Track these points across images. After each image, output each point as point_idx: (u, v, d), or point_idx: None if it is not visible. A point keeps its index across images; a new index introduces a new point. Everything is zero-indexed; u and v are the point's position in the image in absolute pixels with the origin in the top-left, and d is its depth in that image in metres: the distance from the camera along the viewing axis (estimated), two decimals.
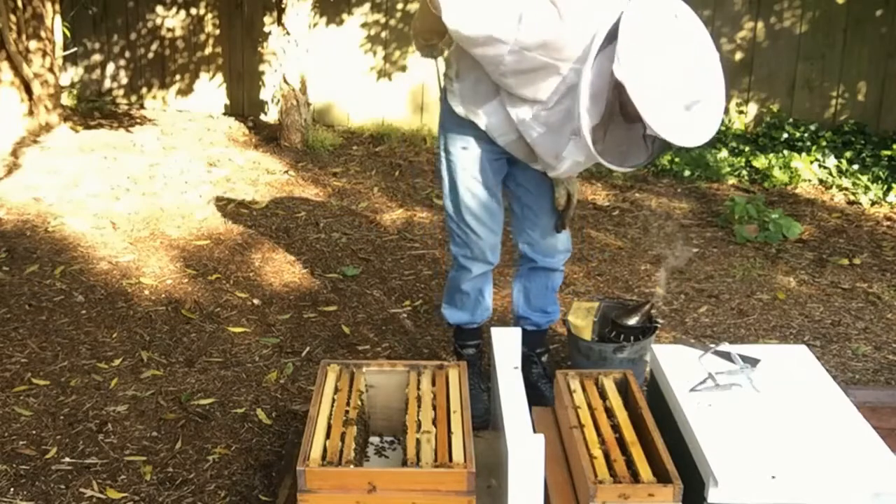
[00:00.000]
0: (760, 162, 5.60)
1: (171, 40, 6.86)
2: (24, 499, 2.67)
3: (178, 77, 6.91)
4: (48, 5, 5.81)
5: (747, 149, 5.84)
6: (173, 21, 6.81)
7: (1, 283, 4.02)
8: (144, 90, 6.98)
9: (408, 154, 6.00)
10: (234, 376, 3.35)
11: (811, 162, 5.56)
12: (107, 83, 7.02)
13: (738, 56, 6.12)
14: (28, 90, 5.81)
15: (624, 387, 2.50)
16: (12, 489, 2.70)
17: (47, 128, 5.92)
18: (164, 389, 3.25)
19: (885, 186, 5.26)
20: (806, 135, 5.90)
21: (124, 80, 7.00)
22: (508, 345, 2.49)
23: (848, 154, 5.67)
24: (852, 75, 6.05)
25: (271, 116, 6.64)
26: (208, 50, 6.82)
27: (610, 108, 2.30)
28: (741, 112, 6.20)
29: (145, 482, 2.75)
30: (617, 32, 2.22)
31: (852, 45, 6.00)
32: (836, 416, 2.28)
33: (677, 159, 5.68)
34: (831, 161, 5.57)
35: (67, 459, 2.85)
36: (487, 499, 2.36)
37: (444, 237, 4.56)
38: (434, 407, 2.40)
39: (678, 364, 2.49)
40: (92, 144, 5.89)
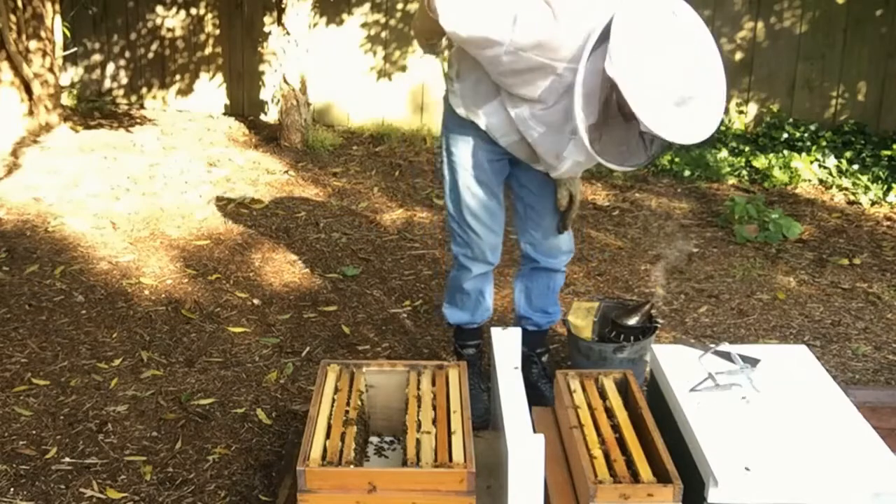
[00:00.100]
0: (760, 162, 5.60)
1: (171, 40, 6.86)
2: (24, 499, 2.67)
3: (178, 77, 6.91)
4: (48, 5, 5.81)
5: (747, 149, 5.84)
6: (173, 21, 6.81)
7: (1, 283, 4.02)
8: (144, 90, 6.98)
9: (408, 154, 6.00)
10: (234, 376, 3.35)
11: (811, 162, 5.56)
12: (107, 83, 7.02)
13: (738, 56, 6.12)
14: (28, 90, 5.81)
15: (624, 387, 2.50)
16: (12, 489, 2.70)
17: (47, 128, 5.92)
18: (164, 389, 3.25)
19: (885, 186, 5.26)
20: (806, 135, 5.90)
21: (124, 80, 7.00)
22: (508, 345, 2.49)
23: (848, 154, 5.67)
24: (852, 75, 6.05)
25: (271, 116, 6.64)
26: (208, 50, 6.82)
27: (607, 107, 2.29)
28: (741, 112, 6.20)
29: (145, 482, 2.75)
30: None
31: (852, 45, 6.00)
32: (836, 416, 2.28)
33: (677, 159, 5.68)
34: (831, 161, 5.57)
35: (67, 459, 2.85)
36: (487, 499, 2.36)
37: (444, 237, 4.56)
38: (434, 407, 2.40)
39: (678, 364, 2.49)
40: (92, 144, 5.89)
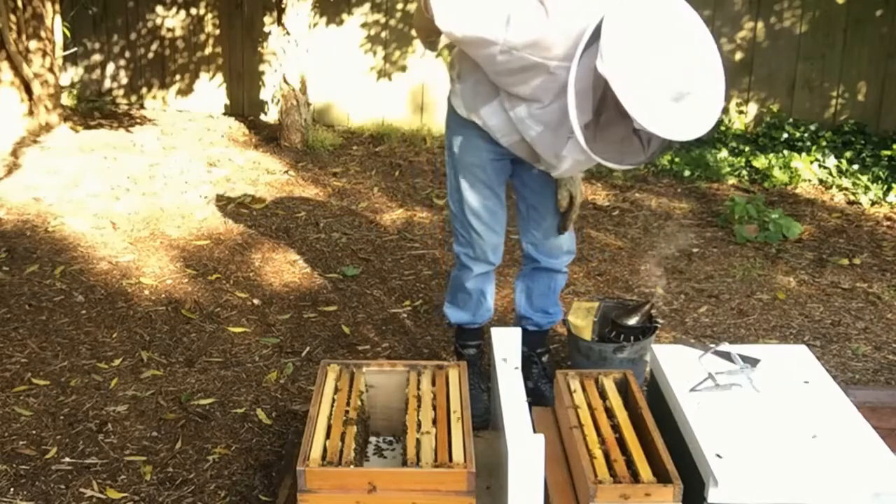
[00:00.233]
0: (760, 162, 5.60)
1: (171, 40, 6.86)
2: (24, 499, 2.67)
3: (178, 77, 6.91)
4: (48, 5, 5.81)
5: (747, 149, 5.84)
6: (173, 21, 6.81)
7: (1, 283, 4.02)
8: (144, 90, 6.98)
9: (408, 154, 6.00)
10: (234, 376, 3.35)
11: (811, 162, 5.56)
12: (107, 83, 7.02)
13: (738, 56, 6.12)
14: (28, 90, 5.81)
15: (624, 387, 2.50)
16: (12, 489, 2.70)
17: (47, 128, 5.92)
18: (164, 389, 3.25)
19: (885, 186, 5.26)
20: (806, 135, 5.90)
21: (124, 80, 7.00)
22: (508, 345, 2.49)
23: (848, 154, 5.67)
24: (852, 75, 6.05)
25: (271, 116, 6.64)
26: (208, 50, 6.82)
27: (602, 106, 2.27)
28: (741, 112, 6.20)
29: (145, 482, 2.75)
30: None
31: (852, 45, 6.00)
32: (836, 416, 2.28)
33: (677, 159, 5.67)
34: (831, 161, 5.57)
35: (67, 459, 2.85)
36: (487, 499, 2.36)
37: (444, 237, 4.56)
38: (434, 407, 2.40)
39: (678, 364, 2.49)
40: (92, 144, 5.89)
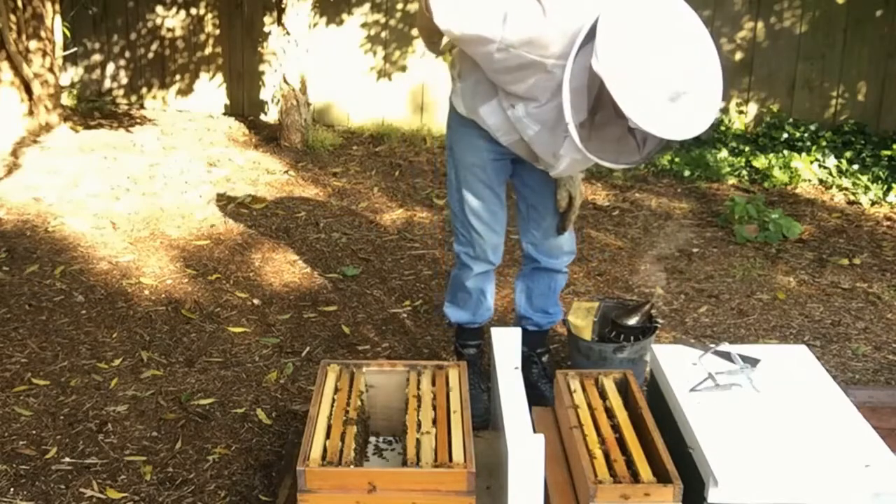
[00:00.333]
0: (760, 162, 5.60)
1: (171, 40, 6.85)
2: (24, 499, 2.67)
3: (178, 77, 6.91)
4: (48, 5, 5.81)
5: (747, 149, 5.84)
6: (173, 21, 6.81)
7: (1, 283, 4.02)
8: (144, 90, 6.98)
9: (408, 154, 6.00)
10: (234, 376, 3.35)
11: (811, 162, 5.56)
12: (107, 83, 7.02)
13: (738, 56, 6.12)
14: (28, 90, 5.80)
15: (624, 387, 2.50)
16: (12, 489, 2.70)
17: (47, 128, 5.92)
18: (164, 389, 3.25)
19: (885, 186, 5.26)
20: (806, 135, 5.90)
21: (124, 80, 7.00)
22: (508, 345, 2.49)
23: (848, 154, 5.67)
24: (852, 75, 6.05)
25: (271, 116, 6.64)
26: (208, 50, 6.82)
27: (597, 105, 2.25)
28: (741, 112, 6.20)
29: (145, 482, 2.75)
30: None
31: (852, 45, 6.00)
32: (836, 416, 2.28)
33: (677, 159, 5.67)
34: (831, 161, 5.57)
35: (67, 459, 2.85)
36: (487, 499, 2.36)
37: (444, 237, 4.56)
38: (434, 407, 2.40)
39: (678, 364, 2.49)
40: (92, 144, 5.89)
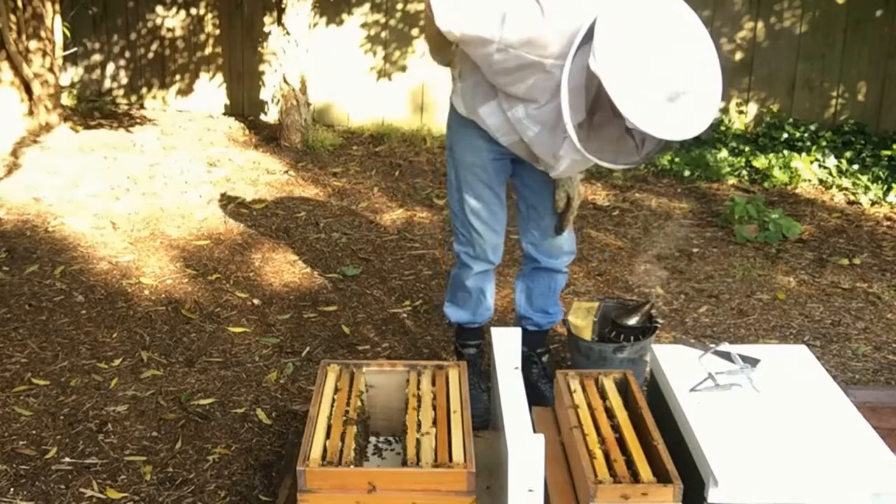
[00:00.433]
0: (760, 162, 5.60)
1: (171, 40, 6.85)
2: (24, 499, 2.67)
3: (178, 77, 6.91)
4: (48, 5, 5.81)
5: (747, 149, 5.84)
6: (173, 21, 6.81)
7: (1, 283, 4.02)
8: (144, 90, 6.98)
9: (408, 154, 6.00)
10: (234, 376, 3.35)
11: (811, 162, 5.56)
12: (107, 83, 7.02)
13: (738, 56, 6.12)
14: (28, 90, 5.81)
15: (624, 387, 2.50)
16: (12, 489, 2.70)
17: (47, 128, 5.92)
18: (164, 389, 3.25)
19: (885, 186, 5.26)
20: (806, 135, 5.90)
21: (124, 80, 7.00)
22: (508, 345, 2.49)
23: (848, 154, 5.67)
24: (852, 75, 6.05)
25: (271, 116, 6.64)
26: (208, 50, 6.82)
27: (596, 105, 2.25)
28: (741, 112, 6.20)
29: (145, 482, 2.75)
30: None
31: (852, 45, 6.00)
32: (836, 416, 2.28)
33: (677, 159, 5.67)
34: (831, 161, 5.57)
35: (67, 459, 2.85)
36: (487, 499, 2.36)
37: (444, 237, 4.56)
38: (434, 407, 2.40)
39: (678, 364, 2.49)
40: (92, 144, 5.89)
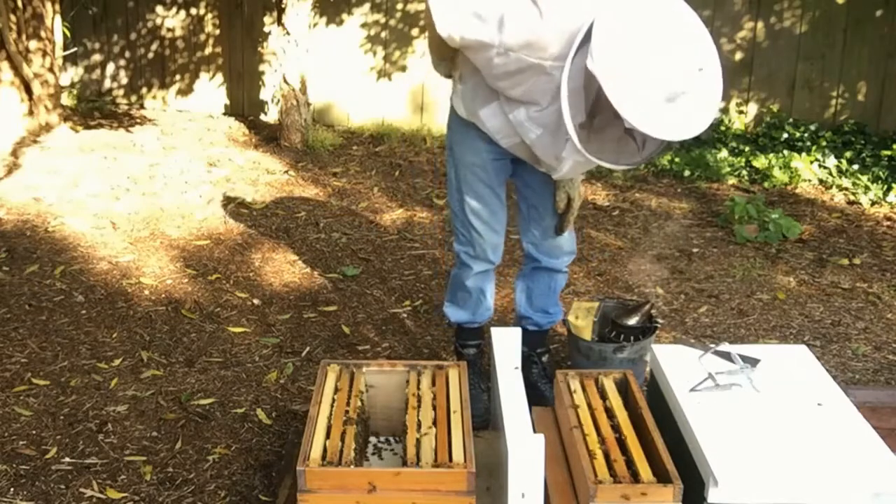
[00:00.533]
0: (760, 162, 5.60)
1: (171, 40, 6.85)
2: (24, 499, 2.67)
3: (178, 77, 6.91)
4: (48, 5, 5.81)
5: (747, 149, 5.84)
6: (173, 21, 6.81)
7: (1, 283, 4.02)
8: (144, 90, 6.98)
9: (408, 154, 6.00)
10: (234, 376, 3.35)
11: (811, 162, 5.56)
12: (107, 83, 7.02)
13: (738, 56, 6.12)
14: (28, 90, 5.80)
15: (624, 387, 2.50)
16: (12, 489, 2.70)
17: (47, 128, 5.92)
18: (164, 389, 3.25)
19: (885, 186, 5.26)
20: (806, 135, 5.90)
21: (124, 80, 7.00)
22: (508, 345, 2.49)
23: (848, 154, 5.67)
24: (852, 75, 6.05)
25: (271, 116, 6.64)
26: (208, 50, 6.82)
27: (596, 106, 2.24)
28: (741, 112, 6.20)
29: (145, 482, 2.75)
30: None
31: (852, 45, 6.00)
32: (836, 416, 2.28)
33: (677, 159, 5.67)
34: (831, 161, 5.57)
35: (67, 459, 2.85)
36: (487, 499, 2.36)
37: (444, 237, 4.56)
38: (434, 407, 2.40)
39: (678, 364, 2.49)
40: (92, 144, 5.89)
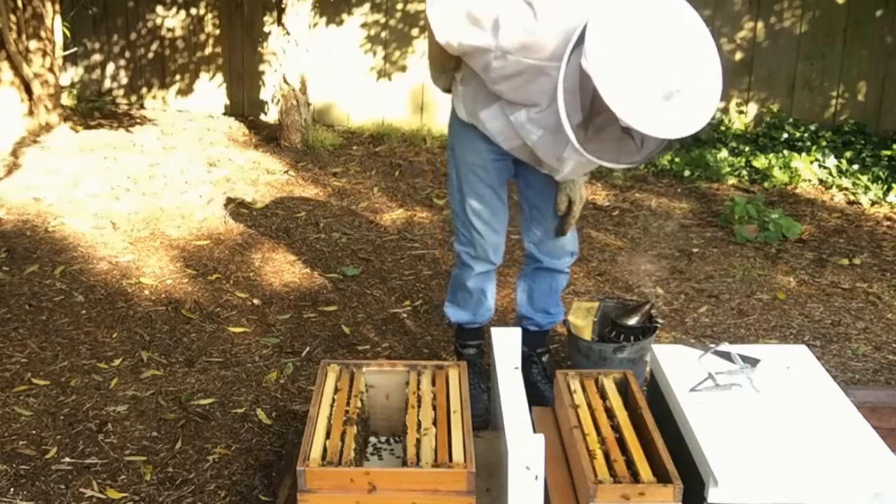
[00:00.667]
0: (760, 162, 5.60)
1: (171, 40, 6.86)
2: (24, 499, 2.67)
3: (178, 77, 6.91)
4: (48, 5, 5.80)
5: (747, 149, 5.84)
6: (173, 21, 6.81)
7: (1, 283, 4.02)
8: (144, 90, 6.98)
9: (408, 154, 6.00)
10: (234, 376, 3.35)
11: (811, 162, 5.56)
12: (107, 83, 7.02)
13: (738, 56, 6.12)
14: (28, 90, 5.80)
15: (624, 387, 2.50)
16: (12, 489, 2.70)
17: (47, 128, 5.92)
18: (164, 389, 3.25)
19: (885, 186, 5.26)
20: (806, 135, 5.90)
21: (124, 80, 7.00)
22: (508, 345, 2.49)
23: (848, 154, 5.67)
24: (852, 75, 6.05)
25: (271, 116, 6.64)
26: (208, 50, 6.82)
27: (594, 106, 2.22)
28: (741, 112, 6.20)
29: (145, 482, 2.75)
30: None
31: (852, 45, 6.00)
32: (836, 416, 2.28)
33: (677, 159, 5.67)
34: (831, 161, 5.57)
35: (67, 459, 2.85)
36: (487, 499, 2.36)
37: (444, 237, 4.57)
38: (434, 407, 2.40)
39: (678, 364, 2.49)
40: (92, 144, 5.89)
